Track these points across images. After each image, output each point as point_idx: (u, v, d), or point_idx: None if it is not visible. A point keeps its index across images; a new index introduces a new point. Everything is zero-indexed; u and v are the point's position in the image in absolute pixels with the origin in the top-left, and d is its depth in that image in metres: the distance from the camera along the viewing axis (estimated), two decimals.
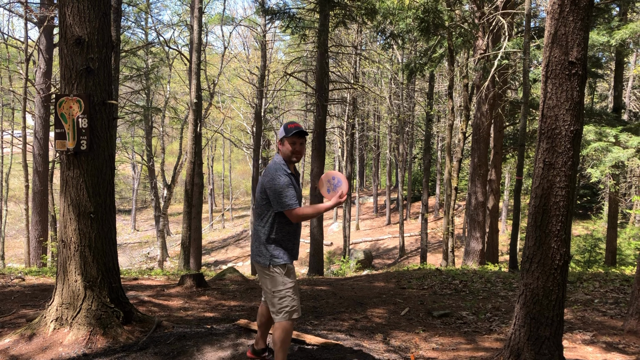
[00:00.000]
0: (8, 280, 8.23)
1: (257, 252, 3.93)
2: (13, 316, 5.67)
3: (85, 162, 4.71)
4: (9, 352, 4.41)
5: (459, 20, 14.12)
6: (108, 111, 4.91)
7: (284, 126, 3.88)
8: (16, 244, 30.25)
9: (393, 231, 31.40)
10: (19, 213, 28.29)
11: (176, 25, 26.62)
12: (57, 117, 4.71)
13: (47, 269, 12.42)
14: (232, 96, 34.52)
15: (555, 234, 3.82)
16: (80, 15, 4.61)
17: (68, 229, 4.74)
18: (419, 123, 33.68)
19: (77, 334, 4.57)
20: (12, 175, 24.11)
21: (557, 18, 3.70)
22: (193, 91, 14.81)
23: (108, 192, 4.90)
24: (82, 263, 4.72)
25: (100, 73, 4.76)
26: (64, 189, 4.77)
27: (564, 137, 3.75)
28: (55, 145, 4.76)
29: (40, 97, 16.27)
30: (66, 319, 4.66)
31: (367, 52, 28.11)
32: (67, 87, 4.69)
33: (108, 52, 4.85)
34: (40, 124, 16.46)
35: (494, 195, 15.39)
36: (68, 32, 4.63)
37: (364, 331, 5.59)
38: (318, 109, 16.10)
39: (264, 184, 3.82)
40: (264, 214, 3.88)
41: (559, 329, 3.90)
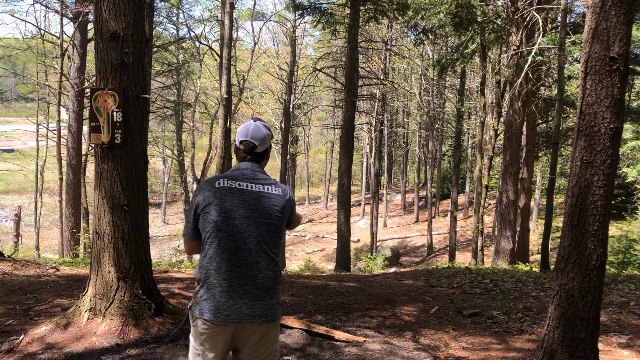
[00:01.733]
0: (43, 270, 8.42)
1: None
2: (48, 305, 5.79)
3: (119, 155, 4.77)
4: (45, 340, 4.51)
5: (492, 15, 13.90)
6: (142, 105, 4.96)
7: None
8: (50, 235, 30.96)
9: (421, 229, 31.19)
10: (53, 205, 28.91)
11: (207, 21, 26.83)
12: (92, 111, 4.78)
13: (80, 259, 12.69)
14: (261, 92, 34.72)
15: (592, 234, 3.73)
16: (116, 10, 4.67)
17: (102, 221, 4.82)
18: (449, 120, 33.33)
19: (110, 325, 4.64)
20: (46, 167, 24.62)
21: (598, 12, 3.60)
22: (223, 86, 14.90)
23: (141, 185, 4.96)
24: (115, 255, 4.80)
25: (134, 67, 4.81)
26: (98, 182, 4.85)
27: (603, 135, 3.66)
28: (90, 138, 4.84)
29: (74, 92, 16.57)
30: (99, 309, 4.74)
31: (398, 48, 27.92)
32: (103, 81, 4.76)
33: (142, 47, 4.90)
34: (74, 117, 16.77)
35: (526, 194, 15.15)
36: (104, 26, 4.70)
37: (393, 329, 5.55)
38: (347, 105, 16.06)
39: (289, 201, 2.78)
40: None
41: (594, 331, 3.81)
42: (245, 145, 2.74)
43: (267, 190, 2.68)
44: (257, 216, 2.61)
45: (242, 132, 2.75)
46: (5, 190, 42.10)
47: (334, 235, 29.30)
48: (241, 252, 2.56)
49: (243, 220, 2.58)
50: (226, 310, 2.51)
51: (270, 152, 2.97)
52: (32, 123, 24.93)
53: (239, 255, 2.55)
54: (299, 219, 2.99)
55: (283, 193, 2.73)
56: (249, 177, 2.69)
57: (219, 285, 2.53)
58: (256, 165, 2.76)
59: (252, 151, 2.75)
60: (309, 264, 18.58)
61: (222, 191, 2.61)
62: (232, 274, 2.54)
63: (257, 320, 2.55)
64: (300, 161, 50.92)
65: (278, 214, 2.66)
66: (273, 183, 2.73)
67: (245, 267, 2.56)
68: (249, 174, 2.69)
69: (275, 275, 2.63)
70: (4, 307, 5.71)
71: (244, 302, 2.52)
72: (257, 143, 2.74)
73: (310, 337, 4.92)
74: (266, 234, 2.62)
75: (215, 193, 2.60)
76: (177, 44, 24.90)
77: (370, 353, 4.61)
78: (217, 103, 23.42)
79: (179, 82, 26.59)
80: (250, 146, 2.74)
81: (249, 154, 2.74)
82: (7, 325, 5.05)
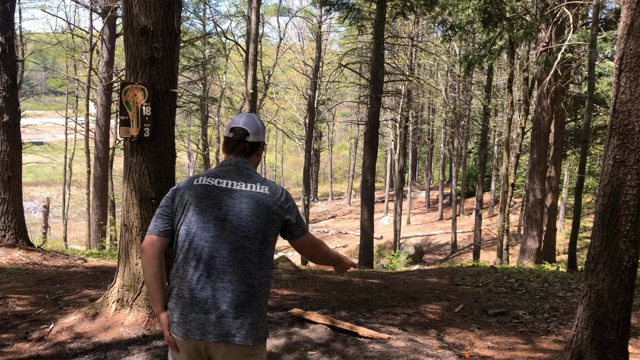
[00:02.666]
0: (72, 261, 8.58)
1: None
2: (77, 295, 5.90)
3: (148, 149, 4.83)
4: (74, 330, 4.60)
5: (522, 11, 13.70)
6: (170, 100, 5.01)
7: None
8: (77, 227, 31.53)
9: (445, 227, 30.96)
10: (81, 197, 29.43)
11: (233, 16, 26.97)
12: (122, 105, 4.84)
13: (107, 251, 12.90)
14: (286, 87, 34.79)
15: (624, 235, 3.66)
16: (146, 4, 4.72)
17: (130, 214, 4.88)
18: (475, 117, 32.99)
19: (137, 316, 4.71)
20: (75, 160, 25.08)
21: (634, 8, 3.52)
22: (249, 82, 14.97)
23: (169, 179, 5.01)
24: None
25: (163, 62, 4.86)
26: (127, 175, 4.91)
27: (637, 134, 3.58)
28: (119, 132, 4.90)
29: (102, 86, 16.82)
30: (127, 300, 4.81)
31: (424, 44, 27.71)
32: (132, 75, 4.81)
33: (172, 42, 4.94)
34: (102, 111, 17.03)
35: (553, 193, 14.92)
36: (134, 21, 4.75)
37: (417, 326, 5.53)
38: (372, 101, 16.01)
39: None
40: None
41: (625, 333, 3.74)
42: (236, 132, 2.45)
43: (250, 188, 2.34)
44: (235, 219, 2.26)
45: (235, 120, 2.49)
46: (35, 182, 42.96)
47: (357, 231, 29.27)
48: (211, 260, 2.22)
49: (218, 224, 2.25)
50: (188, 324, 2.22)
51: (263, 152, 2.66)
52: (61, 116, 25.39)
53: (208, 263, 2.22)
54: (312, 238, 2.57)
55: (272, 192, 2.36)
56: (233, 173, 2.38)
57: (183, 295, 2.25)
58: (244, 160, 2.45)
59: (244, 139, 2.44)
60: None
61: (199, 190, 2.31)
62: (198, 285, 2.22)
63: (221, 340, 2.20)
64: (324, 157, 50.96)
65: (262, 216, 2.29)
66: (260, 181, 2.39)
67: (214, 277, 2.22)
68: (233, 169, 2.39)
69: (250, 290, 2.24)
70: (34, 296, 5.84)
71: (207, 318, 2.20)
72: (250, 130, 2.45)
73: (334, 332, 4.93)
74: (244, 240, 2.26)
75: (191, 192, 2.31)
76: (204, 39, 25.07)
77: (394, 350, 4.60)
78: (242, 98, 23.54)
79: (205, 77, 26.80)
80: (242, 133, 2.44)
81: (240, 142, 2.43)
82: (37, 314, 5.16)
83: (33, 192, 39.42)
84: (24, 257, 8.03)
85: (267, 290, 2.35)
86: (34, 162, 27.42)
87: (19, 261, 7.84)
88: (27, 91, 27.90)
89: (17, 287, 6.24)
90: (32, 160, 27.48)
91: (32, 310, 5.27)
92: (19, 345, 4.37)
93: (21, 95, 17.76)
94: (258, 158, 2.55)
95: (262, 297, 2.31)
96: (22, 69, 18.42)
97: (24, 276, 6.90)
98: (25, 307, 5.40)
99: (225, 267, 2.22)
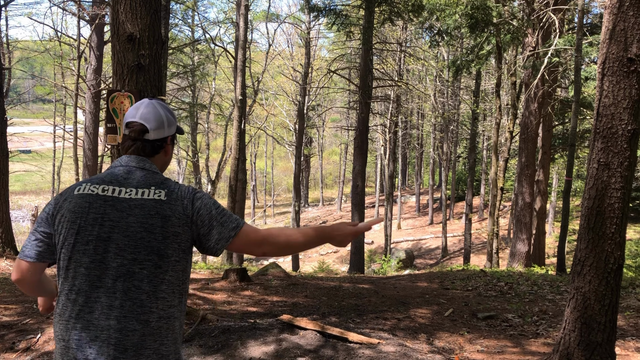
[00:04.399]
0: None
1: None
2: None
3: None
4: None
5: (508, 16, 13.81)
6: None
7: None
8: None
9: (435, 231, 31.04)
10: None
11: (222, 23, 26.99)
12: (108, 112, 4.82)
13: None
14: (275, 93, 34.83)
15: (609, 237, 3.69)
16: (133, 12, 4.71)
17: None
18: (464, 121, 33.16)
19: None
20: (63, 168, 24.93)
21: (615, 13, 3.57)
22: (238, 88, 14.97)
23: None
24: None
25: (150, 69, 4.85)
26: None
27: (620, 137, 3.62)
28: (106, 139, 4.88)
29: (90, 93, 16.75)
30: None
31: (412, 49, 27.86)
32: (119, 82, 4.80)
33: (158, 49, 4.94)
34: (91, 119, 16.95)
35: (542, 197, 15.02)
36: (120, 28, 4.74)
37: (407, 331, 5.53)
38: (361, 106, 16.06)
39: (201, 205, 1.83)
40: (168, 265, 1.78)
41: (611, 335, 3.77)
42: (131, 128, 1.88)
43: (141, 195, 1.78)
44: (121, 237, 1.73)
45: (130, 113, 1.91)
46: (23, 190, 42.63)
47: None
48: (94, 291, 1.70)
49: (99, 244, 1.72)
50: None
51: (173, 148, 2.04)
52: (49, 124, 25.27)
53: (90, 296, 1.70)
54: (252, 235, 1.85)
55: (171, 197, 1.79)
56: (121, 177, 1.82)
57: (60, 338, 1.71)
58: (140, 159, 1.87)
59: (140, 137, 1.87)
60: (322, 266, 18.60)
61: (79, 201, 1.77)
62: (77, 324, 1.69)
63: None
64: (314, 163, 50.99)
65: (156, 231, 1.74)
66: (155, 184, 1.82)
67: (98, 313, 1.69)
68: (122, 172, 1.83)
69: (144, 327, 1.70)
70: (21, 305, 5.79)
71: None
72: (149, 126, 1.87)
73: (324, 338, 4.92)
74: (133, 263, 1.72)
75: (70, 204, 1.77)
76: (192, 45, 25.08)
77: (384, 355, 4.60)
78: (231, 105, 23.54)
79: (194, 84, 26.77)
80: (138, 129, 1.87)
81: (135, 140, 1.87)
82: (24, 324, 5.12)
83: (21, 200, 39.10)
84: (11, 267, 7.96)
85: (171, 325, 1.77)
86: (22, 170, 27.25)
87: (5, 271, 7.78)
88: (15, 99, 27.68)
89: (3, 297, 6.19)
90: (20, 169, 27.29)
91: (19, 320, 5.22)
92: (5, 356, 4.33)
93: (8, 103, 17.64)
94: (166, 157, 1.98)
95: (165, 335, 1.75)
96: (9, 76, 18.30)
97: (10, 286, 6.84)
98: (11, 317, 5.35)
99: (112, 301, 1.69)
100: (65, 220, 1.76)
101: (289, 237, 1.88)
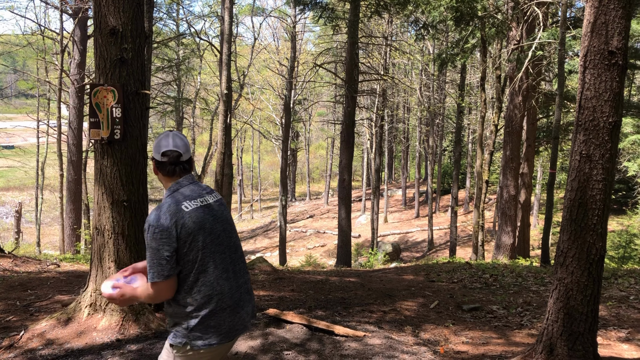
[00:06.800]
0: (44, 266, 8.44)
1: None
2: (49, 301, 5.81)
3: (119, 151, 4.78)
4: (45, 336, 4.52)
5: (493, 10, 13.87)
6: (141, 101, 4.97)
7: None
8: (51, 232, 30.99)
9: (422, 224, 31.20)
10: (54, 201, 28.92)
11: (207, 17, 26.76)
12: (91, 107, 4.78)
13: (81, 256, 12.71)
14: (261, 87, 34.69)
15: (591, 228, 3.73)
16: (115, 5, 4.67)
17: (102, 217, 4.82)
18: (449, 115, 33.29)
19: (111, 320, 4.66)
20: (47, 164, 24.60)
21: (597, 6, 3.59)
22: (223, 82, 14.88)
23: (141, 181, 4.97)
24: (115, 250, 4.81)
25: (133, 63, 4.81)
26: (98, 177, 4.85)
27: (602, 129, 3.65)
28: (89, 134, 4.84)
29: (74, 88, 16.57)
30: (100, 305, 4.75)
31: (398, 43, 27.87)
32: (102, 76, 4.76)
33: (141, 43, 4.90)
34: (75, 114, 16.77)
35: (526, 189, 15.14)
36: (102, 22, 4.69)
37: (393, 323, 5.56)
38: (347, 100, 16.06)
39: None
40: None
41: (593, 325, 3.82)
42: (169, 155, 2.51)
43: (213, 200, 2.59)
44: (227, 225, 2.58)
45: (162, 144, 2.54)
46: (6, 186, 42.13)
47: (334, 230, 29.30)
48: (233, 265, 2.55)
49: (222, 234, 2.52)
50: (236, 326, 2.51)
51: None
52: (33, 119, 24.93)
53: (232, 269, 2.54)
54: None
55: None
56: (200, 190, 2.57)
57: (227, 305, 2.47)
58: (189, 177, 2.59)
59: (178, 160, 2.53)
60: (310, 260, 18.62)
61: (196, 213, 2.44)
62: (234, 290, 2.51)
63: (252, 321, 2.68)
64: (301, 157, 50.92)
65: (231, 219, 2.67)
66: (209, 190, 2.63)
67: (239, 278, 2.57)
68: (193, 188, 2.55)
69: (249, 280, 2.68)
70: (4, 303, 5.73)
71: (245, 311, 2.57)
72: (182, 151, 2.54)
73: (311, 332, 4.93)
74: (237, 239, 2.64)
75: (189, 219, 2.41)
76: (177, 40, 24.87)
77: (370, 347, 4.62)
78: (217, 99, 23.40)
79: (179, 78, 26.58)
80: (175, 155, 2.52)
81: (176, 164, 2.53)
82: (7, 321, 5.07)
83: (4, 197, 38.66)
84: None
85: None
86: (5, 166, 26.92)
87: None
88: None
89: None
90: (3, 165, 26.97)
91: (2, 318, 5.17)
92: None
93: None
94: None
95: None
96: None
97: None
98: None
99: (241, 266, 2.62)
100: (191, 229, 2.40)
101: None
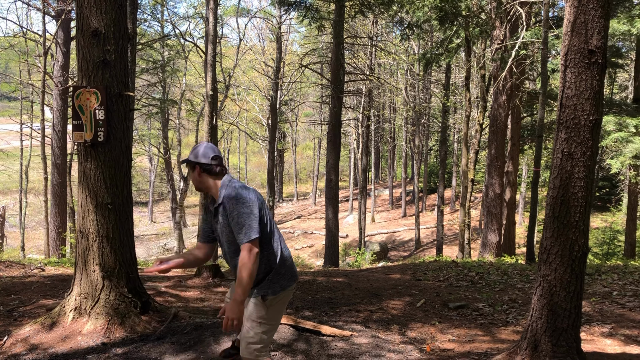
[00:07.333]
0: (28, 270, 8.35)
1: None
2: (33, 306, 5.75)
3: (103, 153, 4.75)
4: (29, 341, 4.48)
5: (477, 9, 13.96)
6: (125, 103, 4.94)
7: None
8: (36, 235, 30.66)
9: (409, 223, 31.30)
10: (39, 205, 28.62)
11: (192, 18, 26.66)
12: (74, 109, 4.74)
13: (66, 259, 12.59)
14: (247, 88, 34.58)
15: (573, 225, 3.77)
16: (97, 7, 4.64)
17: (86, 220, 4.79)
18: (435, 115, 33.44)
19: (96, 324, 4.62)
20: (31, 167, 24.33)
21: (576, 6, 3.63)
22: (209, 83, 14.82)
23: (125, 184, 4.94)
24: (100, 253, 4.77)
25: (116, 65, 4.78)
26: (81, 180, 4.82)
27: (583, 127, 3.69)
28: (73, 136, 4.80)
29: (58, 90, 16.42)
30: (85, 308, 4.72)
31: (383, 44, 27.94)
32: (85, 78, 4.73)
33: (124, 44, 4.87)
34: (59, 116, 16.63)
35: (511, 187, 15.25)
36: (85, 24, 4.66)
37: (380, 322, 5.58)
38: (333, 100, 16.08)
39: None
40: None
41: (576, 321, 3.86)
42: (218, 160, 3.17)
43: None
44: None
45: (208, 151, 3.17)
46: None
47: (322, 231, 29.27)
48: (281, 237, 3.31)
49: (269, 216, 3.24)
50: (296, 271, 3.34)
51: None
52: (16, 122, 24.64)
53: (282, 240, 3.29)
54: None
55: None
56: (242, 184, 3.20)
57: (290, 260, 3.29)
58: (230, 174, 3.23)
59: (222, 163, 3.20)
60: (297, 260, 18.60)
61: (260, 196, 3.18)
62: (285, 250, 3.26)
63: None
64: (288, 157, 50.88)
65: None
66: (242, 184, 3.25)
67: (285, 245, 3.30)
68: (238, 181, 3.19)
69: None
70: None
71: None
72: (220, 155, 3.24)
73: (298, 332, 4.93)
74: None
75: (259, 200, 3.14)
76: (162, 41, 24.72)
77: (357, 347, 4.63)
78: (203, 100, 23.28)
79: (165, 80, 26.42)
80: (221, 158, 3.20)
81: (223, 166, 3.19)
82: None
83: None
84: None
85: None
86: None
87: None
88: None
89: None
90: None
91: None
92: None
93: None
94: None
95: None
96: None
97: None
98: None
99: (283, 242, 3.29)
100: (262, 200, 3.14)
101: None
